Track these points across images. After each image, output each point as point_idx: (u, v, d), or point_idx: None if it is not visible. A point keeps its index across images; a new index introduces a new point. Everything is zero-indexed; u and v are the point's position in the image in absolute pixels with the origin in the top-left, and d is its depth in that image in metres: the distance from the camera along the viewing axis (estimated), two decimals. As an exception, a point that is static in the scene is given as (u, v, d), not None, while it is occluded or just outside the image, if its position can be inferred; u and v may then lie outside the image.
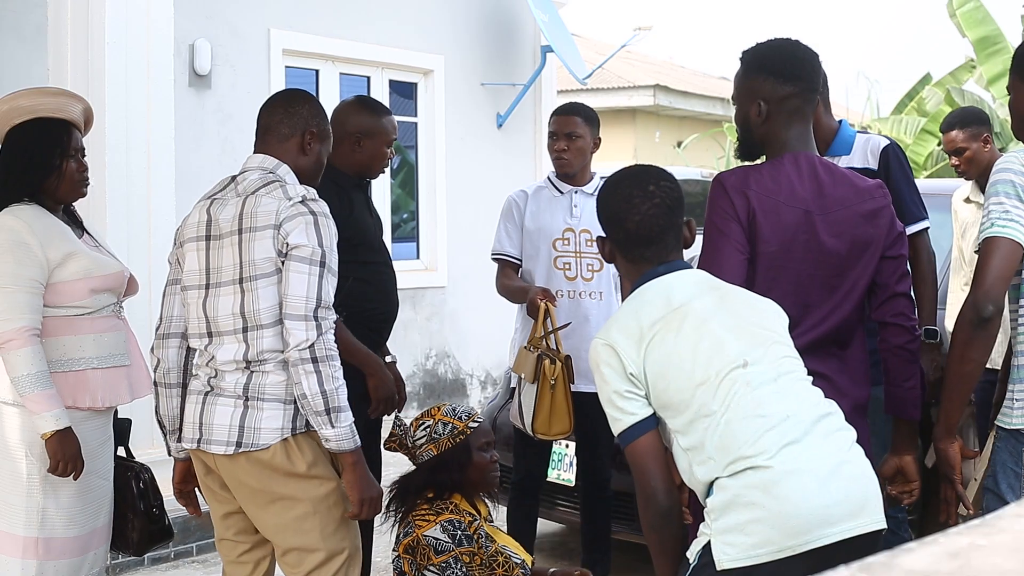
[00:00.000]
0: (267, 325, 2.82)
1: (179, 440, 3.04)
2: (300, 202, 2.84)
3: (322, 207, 2.88)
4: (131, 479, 3.45)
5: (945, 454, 2.81)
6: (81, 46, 5.21)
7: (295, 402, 2.83)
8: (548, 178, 4.42)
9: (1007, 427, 2.76)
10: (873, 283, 2.84)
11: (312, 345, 2.75)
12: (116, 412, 3.46)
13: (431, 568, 3.09)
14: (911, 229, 3.54)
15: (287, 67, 7.24)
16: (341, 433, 2.79)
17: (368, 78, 7.82)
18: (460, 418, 3.29)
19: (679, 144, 17.49)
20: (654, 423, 2.39)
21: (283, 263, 2.81)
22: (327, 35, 7.42)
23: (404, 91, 8.13)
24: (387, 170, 3.93)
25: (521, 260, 4.34)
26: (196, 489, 3.17)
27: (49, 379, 3.12)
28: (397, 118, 8.97)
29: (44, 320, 3.18)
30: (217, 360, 2.87)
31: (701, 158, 17.16)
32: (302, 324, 2.76)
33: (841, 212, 2.78)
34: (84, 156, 3.37)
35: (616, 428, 2.41)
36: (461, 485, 3.26)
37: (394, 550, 3.21)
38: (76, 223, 3.38)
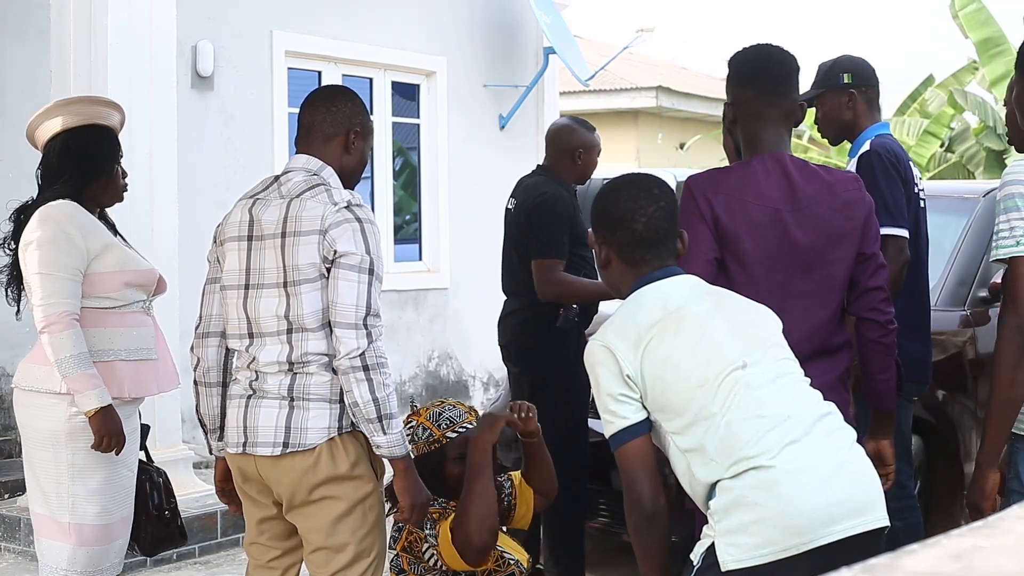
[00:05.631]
0: (311, 329, 2.80)
1: (220, 439, 3.03)
2: (345, 207, 2.80)
3: (367, 213, 2.85)
4: (145, 481, 3.52)
5: (982, 483, 2.69)
6: (84, 48, 5.20)
7: (340, 401, 2.82)
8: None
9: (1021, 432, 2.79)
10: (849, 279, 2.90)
11: (363, 353, 2.74)
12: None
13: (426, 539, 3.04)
14: None
15: (290, 69, 7.24)
16: (393, 440, 2.79)
17: (371, 80, 7.82)
18: (440, 426, 3.20)
19: (682, 146, 17.48)
20: (646, 428, 2.40)
21: (329, 269, 2.78)
22: (330, 37, 7.42)
23: (407, 93, 8.13)
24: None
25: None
26: None
27: (89, 360, 3.24)
28: (399, 120, 8.86)
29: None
30: (259, 361, 2.84)
31: (704, 160, 17.13)
32: (352, 332, 2.74)
33: (813, 207, 2.84)
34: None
35: (608, 431, 2.42)
36: (440, 492, 3.20)
37: (391, 548, 3.20)
38: (109, 225, 3.50)
